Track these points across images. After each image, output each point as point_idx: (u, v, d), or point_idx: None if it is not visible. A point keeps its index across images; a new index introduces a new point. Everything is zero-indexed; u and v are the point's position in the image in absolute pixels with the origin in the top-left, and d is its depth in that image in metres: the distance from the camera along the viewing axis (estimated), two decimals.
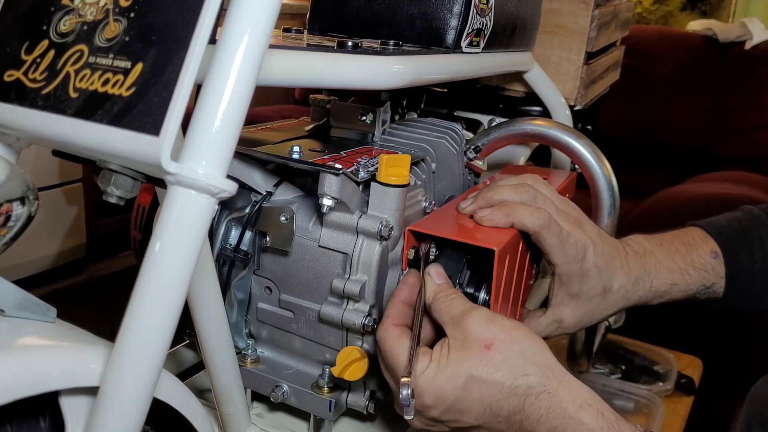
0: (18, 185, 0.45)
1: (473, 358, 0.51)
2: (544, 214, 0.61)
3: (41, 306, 0.45)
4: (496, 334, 0.51)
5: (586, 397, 0.50)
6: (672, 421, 1.11)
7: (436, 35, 0.75)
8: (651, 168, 2.23)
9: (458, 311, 0.54)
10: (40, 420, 0.47)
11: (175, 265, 0.39)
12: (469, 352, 0.51)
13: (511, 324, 0.53)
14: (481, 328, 0.52)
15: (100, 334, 0.46)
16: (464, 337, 0.52)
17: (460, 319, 0.53)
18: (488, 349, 0.51)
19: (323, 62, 0.55)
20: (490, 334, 0.51)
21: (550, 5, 1.03)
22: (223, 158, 0.39)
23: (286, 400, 0.66)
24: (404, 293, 0.57)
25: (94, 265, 2.08)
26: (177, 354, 0.82)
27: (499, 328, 0.52)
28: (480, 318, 0.52)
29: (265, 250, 0.66)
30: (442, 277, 0.58)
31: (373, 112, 0.77)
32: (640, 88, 2.17)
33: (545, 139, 0.86)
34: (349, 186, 0.60)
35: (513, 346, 0.51)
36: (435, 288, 0.57)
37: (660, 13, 2.97)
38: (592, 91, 1.12)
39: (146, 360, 0.40)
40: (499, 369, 0.51)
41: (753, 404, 0.75)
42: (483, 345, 0.51)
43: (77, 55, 0.42)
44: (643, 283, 0.67)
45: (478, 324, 0.52)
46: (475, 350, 0.51)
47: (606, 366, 1.24)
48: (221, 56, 0.38)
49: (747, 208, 0.74)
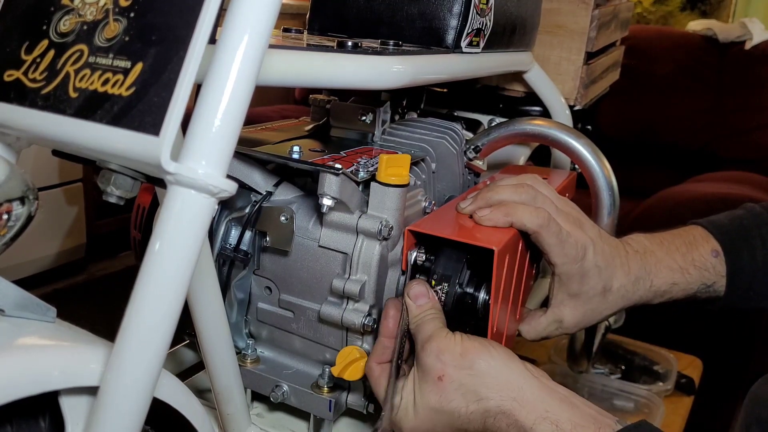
0: (18, 185, 0.45)
1: (431, 392, 0.53)
2: (543, 214, 0.61)
3: (41, 306, 0.45)
4: (446, 365, 0.53)
5: (541, 411, 0.51)
6: (672, 421, 1.11)
7: (435, 35, 0.75)
8: (651, 168, 2.23)
9: (420, 340, 0.56)
10: (40, 420, 0.47)
11: (174, 265, 0.39)
12: (427, 385, 0.53)
13: (462, 349, 0.53)
14: (433, 360, 0.54)
15: (100, 334, 0.46)
16: (422, 371, 0.54)
17: (419, 350, 0.55)
18: (441, 380, 0.53)
19: (323, 62, 0.55)
20: (441, 365, 0.53)
21: (550, 5, 1.03)
22: (223, 158, 0.39)
23: (286, 400, 0.66)
24: (386, 328, 0.59)
25: (94, 265, 2.08)
26: (177, 354, 0.82)
27: (450, 357, 0.53)
28: (431, 350, 0.54)
29: (265, 250, 0.66)
30: (421, 296, 0.58)
31: (373, 112, 0.77)
32: (640, 88, 2.17)
33: (545, 139, 0.86)
34: (349, 186, 0.60)
35: (463, 372, 0.53)
36: (414, 312, 0.58)
37: (660, 13, 2.97)
38: (592, 91, 1.12)
39: (146, 360, 0.40)
40: (453, 399, 0.53)
41: (752, 405, 0.75)
42: (436, 377, 0.53)
43: (77, 54, 0.42)
44: (643, 282, 0.67)
45: (430, 356, 0.54)
46: (431, 383, 0.53)
47: (606, 366, 1.24)
48: (221, 56, 0.38)
49: (749, 206, 0.74)
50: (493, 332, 0.60)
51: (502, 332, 0.64)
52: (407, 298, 0.58)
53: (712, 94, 2.18)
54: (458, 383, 0.52)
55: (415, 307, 0.58)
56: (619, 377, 1.21)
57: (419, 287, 0.58)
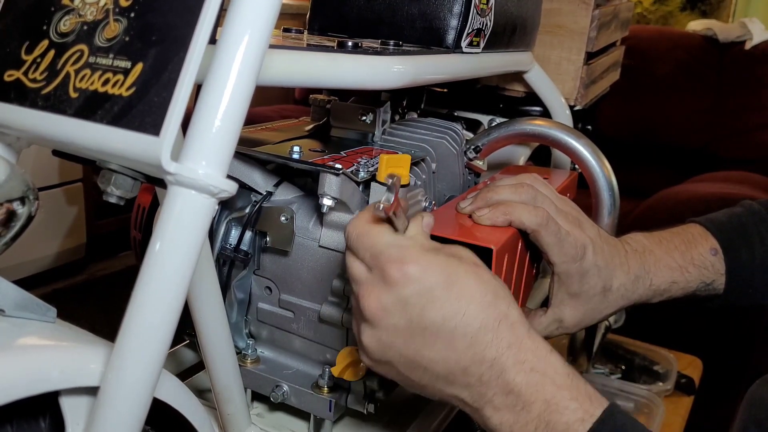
0: (18, 185, 0.45)
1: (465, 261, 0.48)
2: (542, 213, 0.61)
3: (41, 306, 0.45)
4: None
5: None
6: (672, 421, 1.11)
7: (436, 35, 0.75)
8: (651, 168, 2.23)
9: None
10: (40, 420, 0.47)
11: (175, 265, 0.39)
12: (460, 252, 0.49)
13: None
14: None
15: (100, 334, 0.46)
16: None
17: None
18: (477, 266, 0.49)
19: (323, 62, 0.55)
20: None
21: (550, 5, 1.03)
22: (223, 158, 0.39)
23: (286, 400, 0.66)
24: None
25: (94, 265, 2.08)
26: (177, 354, 0.82)
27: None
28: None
29: (265, 250, 0.66)
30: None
31: (373, 112, 0.77)
32: (640, 88, 2.17)
33: (545, 139, 0.86)
34: (349, 186, 0.60)
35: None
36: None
37: (660, 13, 2.97)
38: (592, 91, 1.12)
39: (146, 360, 0.40)
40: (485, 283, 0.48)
41: (749, 406, 0.74)
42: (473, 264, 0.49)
43: (77, 55, 0.42)
44: (642, 281, 0.67)
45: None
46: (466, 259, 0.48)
47: (606, 366, 1.24)
48: (221, 56, 0.38)
49: (747, 204, 0.74)
50: None
51: None
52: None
53: (712, 94, 2.18)
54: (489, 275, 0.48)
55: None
56: (619, 377, 1.21)
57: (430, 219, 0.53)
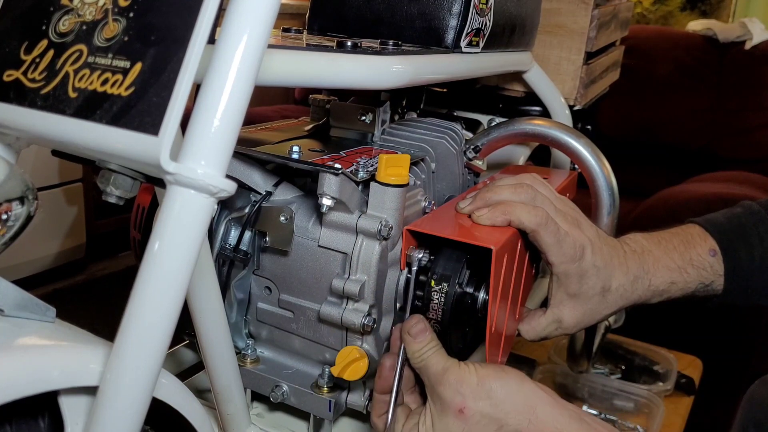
0: (17, 185, 0.45)
1: (454, 425, 0.54)
2: (541, 213, 0.61)
3: (41, 306, 0.45)
4: (466, 397, 0.54)
5: (552, 429, 0.53)
6: (672, 421, 1.11)
7: (435, 35, 0.75)
8: (651, 168, 2.23)
9: (433, 374, 0.56)
10: (39, 420, 0.47)
11: (174, 265, 0.39)
12: (447, 419, 0.54)
13: (478, 378, 0.54)
14: (452, 393, 0.54)
15: (100, 334, 0.46)
16: (441, 405, 0.55)
17: (435, 385, 0.55)
18: (462, 413, 0.53)
19: (323, 62, 0.55)
20: (461, 398, 0.54)
21: (550, 5, 1.03)
22: (223, 158, 0.39)
23: (285, 400, 0.66)
24: (381, 385, 0.59)
25: (94, 265, 2.08)
26: (177, 354, 0.82)
27: (468, 388, 0.54)
28: (449, 383, 0.54)
29: (265, 250, 0.66)
30: (422, 332, 0.58)
31: (372, 112, 0.77)
32: (640, 88, 2.17)
33: (545, 139, 0.86)
34: (349, 186, 0.60)
35: (482, 403, 0.53)
36: (415, 347, 0.57)
37: (660, 13, 2.97)
38: (592, 91, 1.12)
39: (145, 360, 0.40)
40: (476, 431, 0.53)
41: (749, 407, 0.75)
42: (457, 410, 0.54)
43: (76, 54, 0.42)
44: (641, 281, 0.67)
45: (448, 389, 0.54)
46: (452, 416, 0.54)
47: (606, 366, 1.24)
48: (220, 56, 0.38)
49: (746, 204, 0.74)
50: (492, 332, 0.60)
51: (501, 332, 0.64)
52: (407, 336, 0.58)
53: (712, 94, 2.18)
54: (480, 414, 0.53)
55: (415, 343, 0.57)
56: (619, 377, 1.21)
57: (419, 325, 0.58)
